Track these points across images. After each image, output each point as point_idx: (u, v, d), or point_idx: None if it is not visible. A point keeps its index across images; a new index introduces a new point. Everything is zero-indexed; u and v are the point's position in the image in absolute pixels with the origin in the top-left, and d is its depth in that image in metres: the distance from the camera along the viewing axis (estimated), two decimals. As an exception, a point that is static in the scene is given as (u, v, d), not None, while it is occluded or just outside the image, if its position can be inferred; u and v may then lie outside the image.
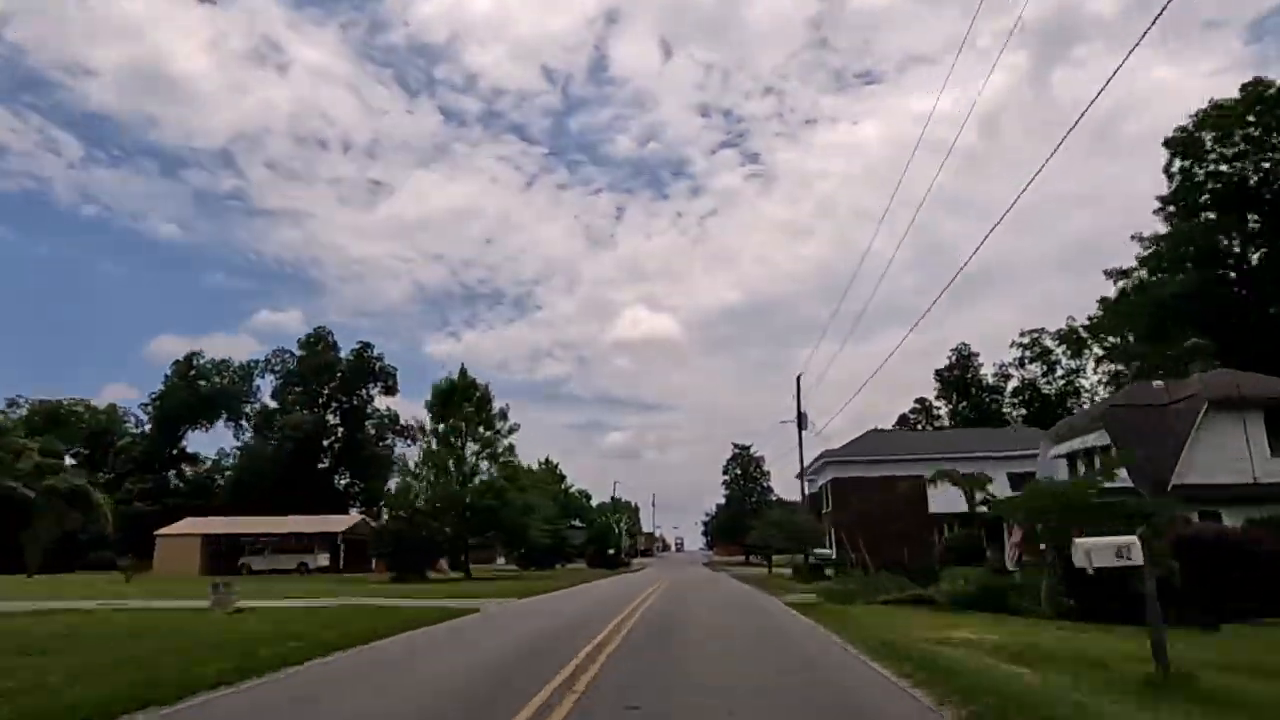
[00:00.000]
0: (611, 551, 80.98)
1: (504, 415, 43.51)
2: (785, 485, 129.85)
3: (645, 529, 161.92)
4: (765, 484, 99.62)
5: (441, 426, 41.56)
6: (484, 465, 42.72)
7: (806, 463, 56.90)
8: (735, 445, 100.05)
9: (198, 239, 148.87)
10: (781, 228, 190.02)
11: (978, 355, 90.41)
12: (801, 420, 40.65)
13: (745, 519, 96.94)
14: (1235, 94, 42.05)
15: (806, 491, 41.39)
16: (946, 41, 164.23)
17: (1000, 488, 44.04)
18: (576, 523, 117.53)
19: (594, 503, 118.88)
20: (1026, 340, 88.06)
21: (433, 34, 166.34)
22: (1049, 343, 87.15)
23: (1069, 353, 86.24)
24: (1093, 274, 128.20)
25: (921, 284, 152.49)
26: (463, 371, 42.87)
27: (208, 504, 72.36)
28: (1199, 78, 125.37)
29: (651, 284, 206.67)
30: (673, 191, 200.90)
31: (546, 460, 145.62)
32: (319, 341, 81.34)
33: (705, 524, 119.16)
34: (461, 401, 41.66)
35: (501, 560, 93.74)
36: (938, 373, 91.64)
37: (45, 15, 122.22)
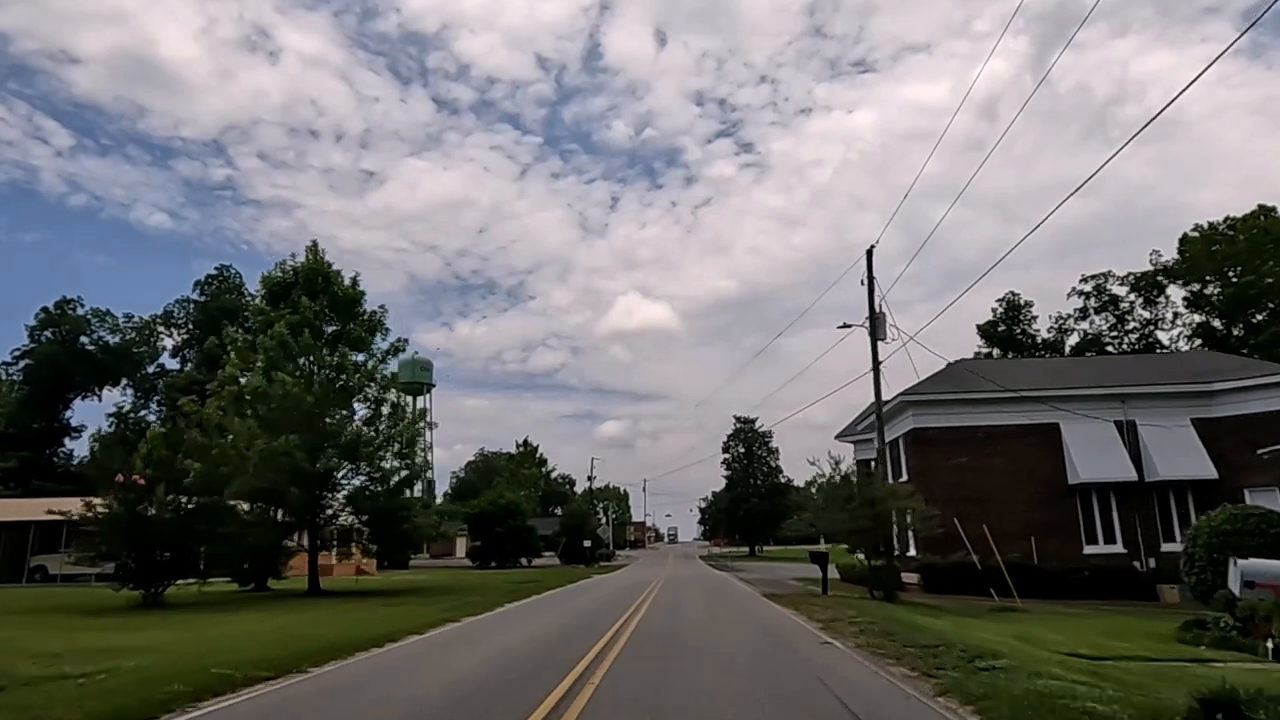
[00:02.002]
0: (589, 544, 62.98)
1: (381, 326, 25.67)
2: (797, 467, 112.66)
3: (637, 518, 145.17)
4: (773, 463, 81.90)
5: (267, 339, 23.68)
6: (353, 409, 24.81)
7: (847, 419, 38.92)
8: (737, 419, 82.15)
9: (187, 228, 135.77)
10: (775, 217, 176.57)
11: (1030, 306, 72.72)
12: (877, 323, 22.72)
13: (749, 504, 79.68)
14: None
15: (883, 445, 23.36)
16: (942, 30, 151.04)
17: (1183, 440, 26.29)
18: (559, 511, 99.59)
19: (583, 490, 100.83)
20: (1089, 287, 70.52)
21: (425, 22, 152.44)
22: (1117, 289, 69.69)
23: (1141, 301, 68.97)
24: (1088, 260, 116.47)
25: (913, 271, 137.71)
26: (313, 249, 24.94)
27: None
28: (1194, 64, 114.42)
29: (645, 273, 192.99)
30: (667, 180, 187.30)
31: (525, 441, 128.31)
32: (221, 283, 62.81)
33: (702, 511, 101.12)
34: (302, 297, 23.79)
35: (462, 554, 76.10)
36: (980, 328, 74.03)
37: (33, 2, 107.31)
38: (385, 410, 24.84)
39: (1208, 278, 63.91)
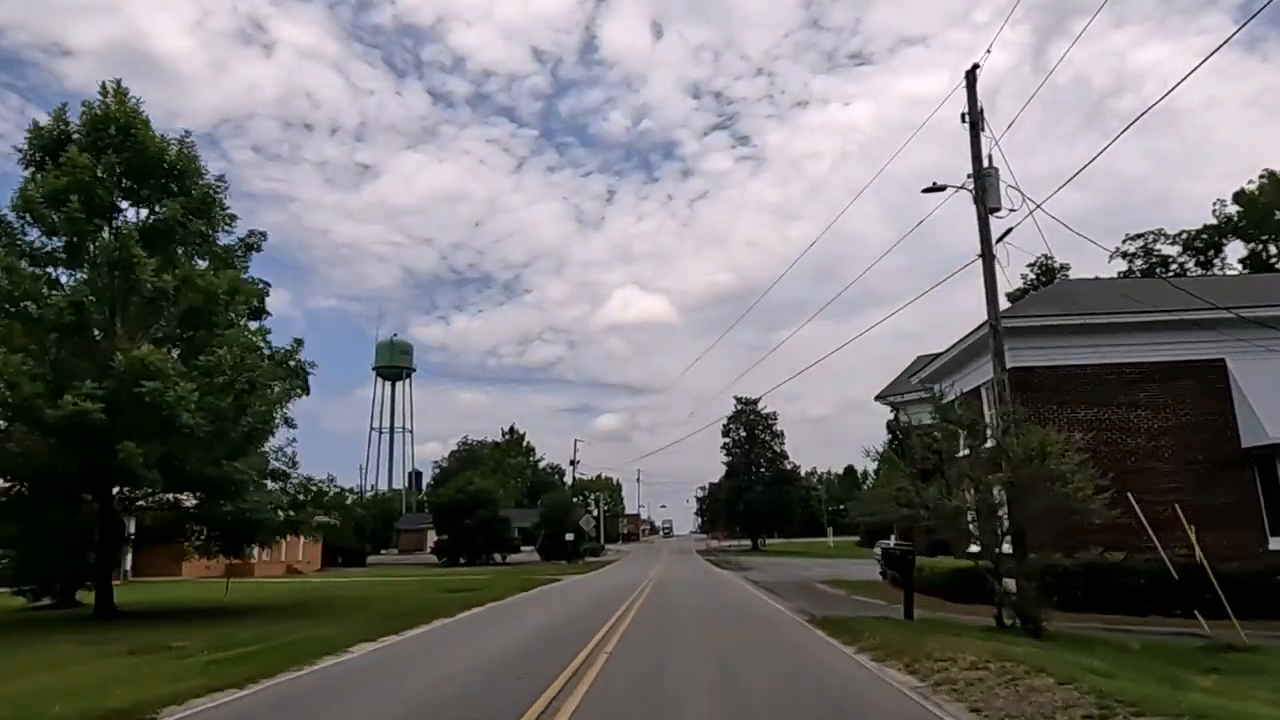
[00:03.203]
0: (571, 538, 54.17)
1: (219, 210, 16.71)
2: (800, 457, 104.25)
3: (630, 511, 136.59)
4: (778, 448, 73.01)
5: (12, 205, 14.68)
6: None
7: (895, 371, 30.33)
8: (738, 399, 73.13)
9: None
10: (772, 210, 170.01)
11: (1066, 269, 63.83)
12: (985, 185, 13.83)
13: (751, 493, 71.05)
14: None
15: (1001, 376, 14.35)
16: (940, 21, 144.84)
17: None
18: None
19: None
20: (1134, 248, 61.60)
21: (420, 14, 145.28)
22: (1167, 249, 60.82)
23: (1194, 262, 60.28)
24: (1083, 256, 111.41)
25: (906, 264, 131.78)
26: (115, 91, 15.85)
27: None
28: (1191, 55, 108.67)
29: (642, 266, 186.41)
30: (663, 174, 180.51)
31: (511, 429, 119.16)
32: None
33: (700, 502, 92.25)
34: (76, 150, 14.83)
35: (429, 550, 67.15)
36: (1010, 296, 64.84)
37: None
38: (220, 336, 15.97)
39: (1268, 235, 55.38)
